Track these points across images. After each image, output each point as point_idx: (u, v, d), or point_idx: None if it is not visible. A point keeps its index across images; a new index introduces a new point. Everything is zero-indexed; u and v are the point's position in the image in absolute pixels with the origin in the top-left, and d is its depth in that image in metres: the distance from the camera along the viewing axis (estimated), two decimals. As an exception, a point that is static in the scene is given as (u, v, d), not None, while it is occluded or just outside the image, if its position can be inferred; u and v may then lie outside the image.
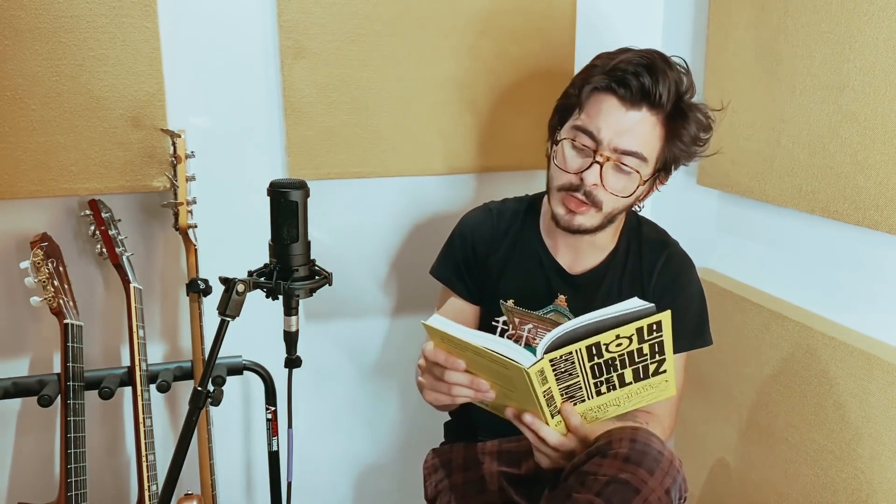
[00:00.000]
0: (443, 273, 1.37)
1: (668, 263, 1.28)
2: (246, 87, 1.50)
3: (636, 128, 1.13)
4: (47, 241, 1.36)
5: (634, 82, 1.11)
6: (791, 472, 1.39)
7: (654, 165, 1.18)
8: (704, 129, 1.20)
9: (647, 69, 1.11)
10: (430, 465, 1.37)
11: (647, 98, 1.12)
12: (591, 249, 1.29)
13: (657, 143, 1.16)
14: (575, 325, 1.00)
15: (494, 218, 1.35)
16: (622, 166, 1.15)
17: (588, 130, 1.15)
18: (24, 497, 1.53)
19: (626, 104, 1.13)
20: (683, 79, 1.16)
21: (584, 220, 1.19)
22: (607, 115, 1.14)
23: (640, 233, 1.31)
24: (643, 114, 1.13)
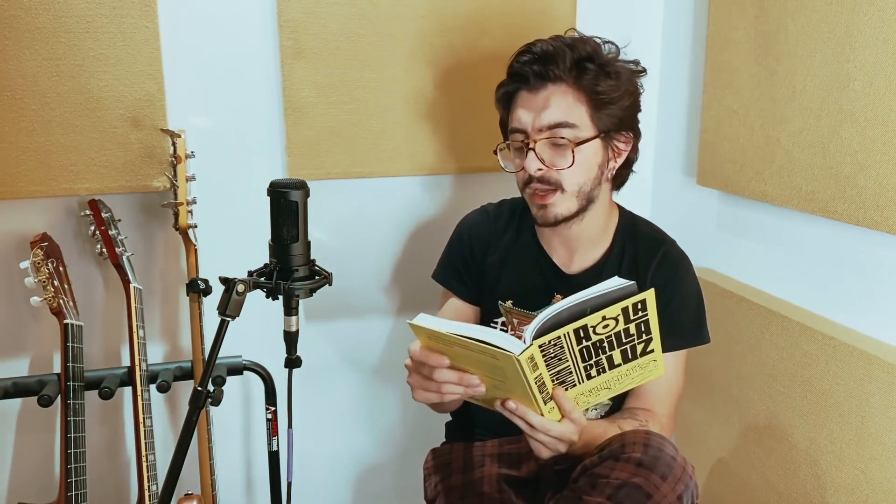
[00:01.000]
0: (443, 276, 1.39)
1: (664, 260, 1.28)
2: (246, 87, 1.50)
3: (549, 102, 1.18)
4: (47, 241, 1.36)
5: (530, 70, 1.19)
6: (791, 472, 1.39)
7: (592, 129, 1.19)
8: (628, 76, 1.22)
9: (537, 56, 1.19)
10: (429, 466, 1.37)
11: (546, 77, 1.18)
12: (586, 247, 1.29)
13: (578, 106, 1.19)
14: (559, 307, 1.00)
15: (491, 219, 1.37)
16: (555, 140, 1.19)
17: (516, 128, 1.22)
18: (24, 497, 1.53)
19: (533, 90, 1.20)
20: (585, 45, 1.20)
21: (558, 209, 1.22)
22: (522, 105, 1.21)
23: (636, 231, 1.32)
24: (549, 89, 1.19)
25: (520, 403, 1.03)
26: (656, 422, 1.27)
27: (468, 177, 1.68)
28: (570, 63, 1.18)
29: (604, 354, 1.03)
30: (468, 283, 1.35)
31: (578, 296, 1.01)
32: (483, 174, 1.68)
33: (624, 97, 1.21)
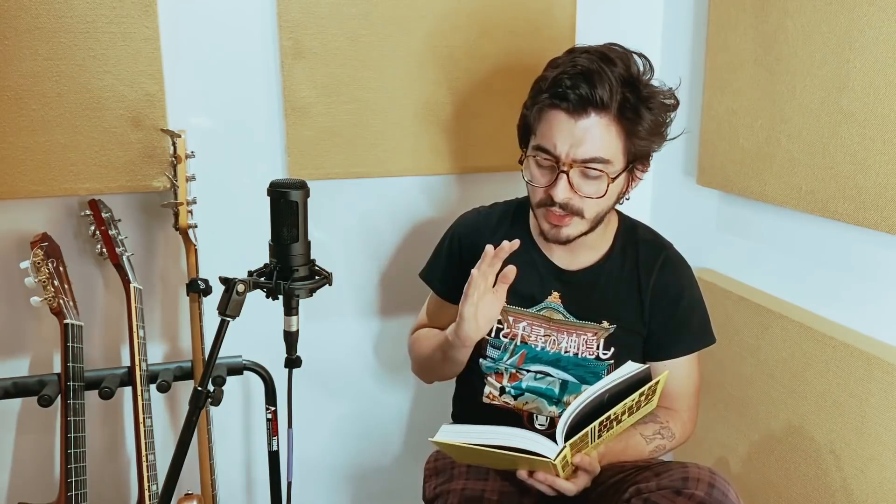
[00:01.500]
0: (426, 275, 1.42)
1: (665, 265, 1.29)
2: (246, 87, 1.50)
3: (588, 135, 1.13)
4: (47, 241, 1.36)
5: (573, 94, 1.12)
6: (791, 472, 1.39)
7: (623, 161, 1.18)
8: (664, 111, 1.20)
9: (584, 77, 1.12)
10: (431, 467, 1.37)
11: (590, 104, 1.12)
12: (585, 249, 1.29)
13: (616, 142, 1.16)
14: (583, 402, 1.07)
15: (482, 220, 1.38)
16: (588, 171, 1.16)
17: (545, 148, 1.17)
18: (24, 497, 1.53)
19: (573, 115, 1.13)
20: (629, 70, 1.15)
21: (571, 230, 1.21)
22: (558, 129, 1.15)
23: (636, 235, 1.32)
24: (592, 119, 1.13)
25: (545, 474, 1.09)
26: (677, 419, 1.29)
27: (468, 177, 1.68)
28: (615, 87, 1.12)
29: (616, 422, 1.09)
30: (449, 283, 1.37)
31: (597, 387, 1.08)
32: (483, 174, 1.68)
33: (660, 133, 1.20)
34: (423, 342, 1.38)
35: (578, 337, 1.28)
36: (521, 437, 1.06)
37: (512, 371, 1.30)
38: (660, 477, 1.10)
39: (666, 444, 1.26)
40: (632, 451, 1.23)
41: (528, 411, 1.30)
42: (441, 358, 1.29)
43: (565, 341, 1.28)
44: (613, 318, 1.28)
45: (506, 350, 1.31)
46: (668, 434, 1.26)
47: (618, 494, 1.15)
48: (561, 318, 1.29)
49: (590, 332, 1.28)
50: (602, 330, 1.28)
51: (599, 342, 1.28)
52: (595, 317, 1.28)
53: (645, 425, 1.24)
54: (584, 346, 1.28)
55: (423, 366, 1.40)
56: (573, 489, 1.10)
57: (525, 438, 1.06)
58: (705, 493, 1.05)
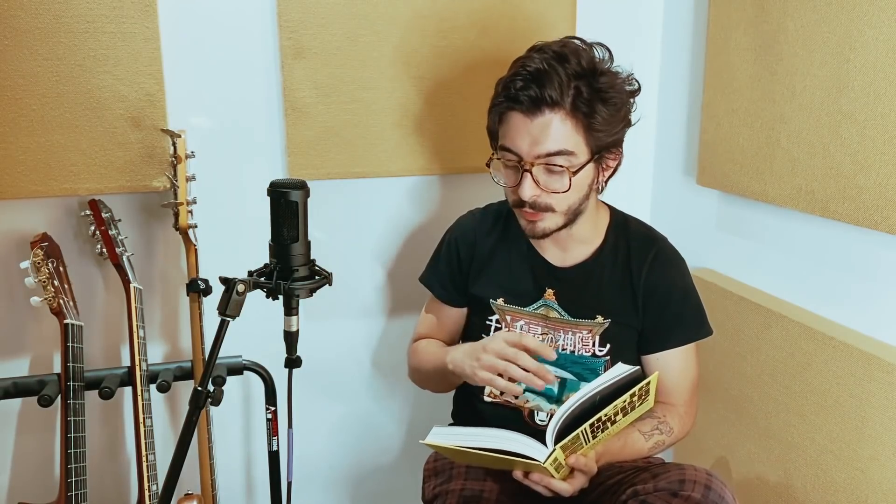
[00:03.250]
0: (427, 279, 1.42)
1: (658, 258, 1.29)
2: (246, 87, 1.50)
3: (546, 131, 1.15)
4: (47, 241, 1.36)
5: (524, 95, 1.15)
6: (791, 472, 1.39)
7: (586, 153, 1.19)
8: (625, 98, 1.20)
9: (533, 78, 1.14)
10: (430, 468, 1.37)
11: (542, 103, 1.14)
12: (576, 244, 1.30)
13: (574, 135, 1.17)
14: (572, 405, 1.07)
15: (477, 221, 1.39)
16: (552, 167, 1.17)
17: (508, 148, 1.20)
18: (24, 497, 1.53)
19: (528, 114, 1.16)
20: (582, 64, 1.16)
21: (547, 224, 1.22)
22: (516, 129, 1.18)
23: (627, 229, 1.33)
24: (546, 116, 1.15)
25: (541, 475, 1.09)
26: (674, 414, 1.29)
27: (468, 177, 1.68)
28: (566, 84, 1.14)
29: (609, 422, 1.09)
30: (450, 288, 1.38)
31: (587, 388, 1.08)
32: (483, 174, 1.66)
33: (620, 122, 1.20)
34: (423, 357, 1.37)
35: (574, 335, 1.28)
36: (511, 440, 1.06)
37: None
38: (657, 479, 1.11)
39: (665, 440, 1.26)
40: (630, 448, 1.23)
41: (528, 409, 1.30)
42: (438, 378, 1.31)
43: (562, 339, 1.29)
44: (607, 313, 1.28)
45: None
46: (665, 429, 1.26)
47: (615, 496, 1.15)
48: (557, 317, 1.30)
49: (585, 329, 1.28)
50: (597, 326, 1.28)
51: (595, 338, 1.28)
52: (589, 312, 1.29)
53: (642, 422, 1.24)
54: (580, 344, 1.28)
55: (420, 378, 1.42)
56: (569, 490, 1.10)
57: (514, 441, 1.06)
58: (701, 496, 1.05)
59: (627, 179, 1.78)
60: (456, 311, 1.40)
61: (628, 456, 1.24)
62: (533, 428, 1.27)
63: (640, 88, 1.24)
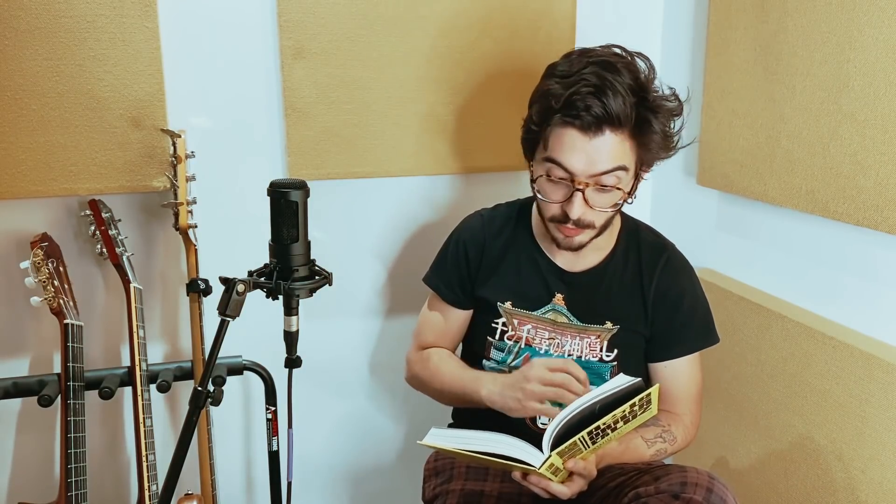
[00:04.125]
0: (432, 280, 1.40)
1: (668, 266, 1.29)
2: (246, 87, 1.50)
3: (604, 151, 1.12)
4: (47, 241, 1.36)
5: (588, 115, 1.10)
6: (791, 472, 1.39)
7: (635, 169, 1.18)
8: (670, 117, 1.19)
9: (597, 93, 1.10)
10: (431, 468, 1.37)
11: (605, 122, 1.11)
12: (589, 251, 1.29)
13: (631, 153, 1.16)
14: (571, 412, 1.06)
15: (486, 223, 1.36)
16: (603, 187, 1.15)
17: (559, 163, 1.15)
18: (24, 497, 1.53)
19: (588, 133, 1.12)
20: (636, 79, 1.13)
21: (584, 237, 1.21)
22: (572, 147, 1.13)
23: (638, 236, 1.32)
24: (607, 136, 1.12)
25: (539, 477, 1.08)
26: (679, 423, 1.29)
27: (468, 177, 1.68)
28: (633, 110, 1.11)
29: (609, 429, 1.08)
30: (457, 290, 1.36)
31: (587, 397, 1.07)
32: (483, 174, 1.67)
33: (672, 145, 1.20)
34: (439, 374, 1.33)
35: (582, 340, 1.28)
36: (507, 445, 1.06)
37: None
38: (658, 481, 1.11)
39: (667, 448, 1.26)
40: (632, 453, 1.23)
41: None
42: (455, 398, 1.29)
43: (569, 344, 1.28)
44: (616, 319, 1.28)
45: (510, 352, 1.31)
46: (669, 438, 1.26)
47: (617, 498, 1.15)
48: (565, 321, 1.29)
49: (593, 334, 1.28)
50: (605, 331, 1.28)
51: (603, 344, 1.28)
52: (598, 318, 1.28)
53: (646, 428, 1.24)
54: (587, 349, 1.28)
55: (429, 390, 1.38)
56: (567, 493, 1.10)
57: (511, 446, 1.06)
58: (703, 498, 1.05)
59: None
60: (462, 314, 1.38)
61: (629, 460, 1.23)
62: (534, 431, 1.27)
63: (682, 106, 1.20)
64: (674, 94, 1.19)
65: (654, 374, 1.32)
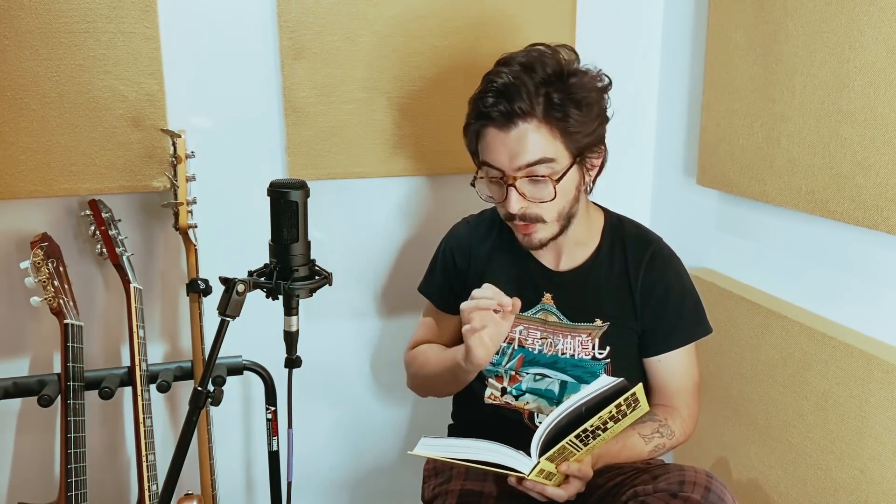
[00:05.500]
0: (426, 289, 1.43)
1: (653, 260, 1.29)
2: (246, 87, 1.50)
3: (522, 142, 1.15)
4: (47, 241, 1.36)
5: (495, 111, 1.15)
6: (791, 472, 1.39)
7: (567, 157, 1.18)
8: (598, 94, 1.20)
9: (500, 93, 1.14)
10: (430, 468, 1.37)
11: (514, 115, 1.14)
12: (572, 248, 1.30)
13: (552, 141, 1.16)
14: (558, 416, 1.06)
15: (471, 229, 1.39)
16: (535, 178, 1.17)
17: (489, 163, 1.20)
18: (24, 497, 1.53)
19: (502, 128, 1.16)
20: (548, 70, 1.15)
21: (542, 235, 1.23)
22: (493, 144, 1.18)
23: (622, 230, 1.33)
24: (520, 128, 1.15)
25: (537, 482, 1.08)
26: (676, 417, 1.29)
27: (468, 177, 1.67)
28: (535, 93, 1.14)
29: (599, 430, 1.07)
30: (448, 296, 1.38)
31: (573, 401, 1.07)
32: (483, 174, 1.67)
33: (595, 120, 1.20)
34: (429, 359, 1.36)
35: (574, 339, 1.28)
36: (496, 453, 1.06)
37: (511, 373, 1.31)
38: (657, 480, 1.11)
39: (665, 443, 1.26)
40: (629, 451, 1.23)
41: (529, 410, 1.30)
42: (449, 379, 1.29)
43: (561, 343, 1.29)
44: (606, 316, 1.28)
45: (504, 354, 1.31)
46: (667, 432, 1.26)
47: (616, 498, 1.15)
48: (556, 321, 1.29)
49: (584, 332, 1.28)
50: (596, 329, 1.28)
51: (594, 342, 1.28)
52: (588, 316, 1.28)
53: (643, 424, 1.24)
54: (579, 347, 1.28)
55: (425, 383, 1.40)
56: (563, 496, 1.10)
57: (499, 454, 1.06)
58: (701, 497, 1.05)
59: (627, 179, 1.78)
60: (455, 319, 1.38)
61: (627, 458, 1.23)
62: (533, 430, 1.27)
63: (610, 83, 1.23)
64: (599, 71, 1.21)
65: (648, 369, 1.31)
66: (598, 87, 1.20)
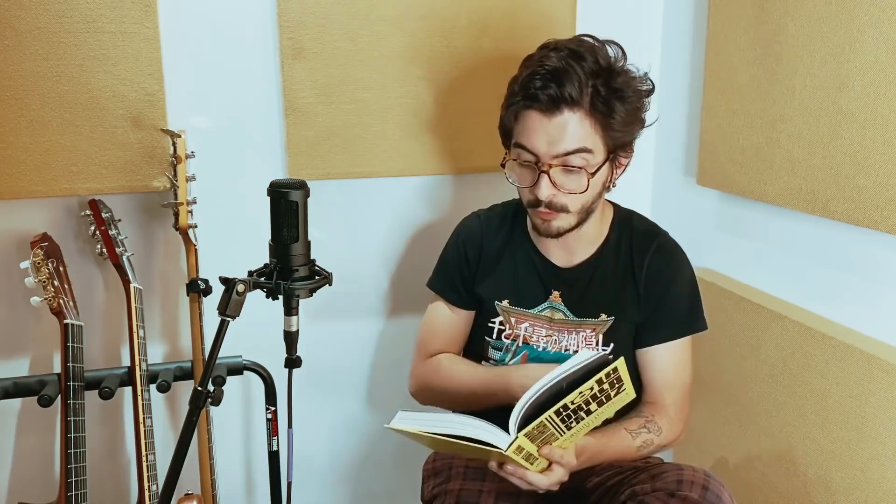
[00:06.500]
0: (436, 285, 1.40)
1: (658, 252, 1.29)
2: (246, 87, 1.50)
3: (564, 131, 1.14)
4: (47, 241, 1.36)
5: (543, 94, 1.13)
6: (791, 472, 1.39)
7: (603, 152, 1.18)
8: (639, 97, 1.20)
9: (552, 76, 1.13)
10: (430, 468, 1.37)
11: (561, 101, 1.13)
12: (582, 243, 1.30)
13: (593, 134, 1.16)
14: (537, 391, 1.03)
15: (483, 223, 1.38)
16: (569, 167, 1.16)
17: (524, 146, 1.18)
18: (24, 497, 1.53)
19: (547, 113, 1.15)
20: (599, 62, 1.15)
21: (561, 224, 1.22)
22: (533, 128, 1.16)
23: (631, 225, 1.33)
24: (565, 116, 1.14)
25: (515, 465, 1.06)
26: (664, 415, 1.28)
27: (468, 177, 1.68)
28: (585, 82, 1.13)
29: (582, 411, 1.05)
30: (462, 291, 1.37)
31: (553, 374, 1.04)
32: (483, 174, 1.67)
33: (636, 120, 1.20)
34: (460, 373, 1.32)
35: (578, 334, 1.28)
36: (474, 427, 1.03)
37: None
38: (655, 479, 1.11)
39: (654, 439, 1.24)
40: (616, 445, 1.21)
41: None
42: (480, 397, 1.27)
43: (566, 340, 1.29)
44: (611, 311, 1.28)
45: (507, 351, 1.31)
46: (654, 428, 1.25)
47: (614, 497, 1.15)
48: (562, 318, 1.29)
49: (588, 328, 1.28)
50: (600, 324, 1.28)
51: (598, 337, 1.28)
52: (593, 310, 1.29)
53: (629, 420, 1.24)
54: (583, 343, 1.28)
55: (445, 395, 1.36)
56: (545, 482, 1.08)
57: (477, 428, 1.03)
58: (699, 496, 1.05)
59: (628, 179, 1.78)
60: (467, 315, 1.37)
61: (613, 453, 1.22)
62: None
63: (654, 88, 1.23)
64: (645, 74, 1.21)
65: (639, 362, 1.30)
66: (642, 89, 1.20)
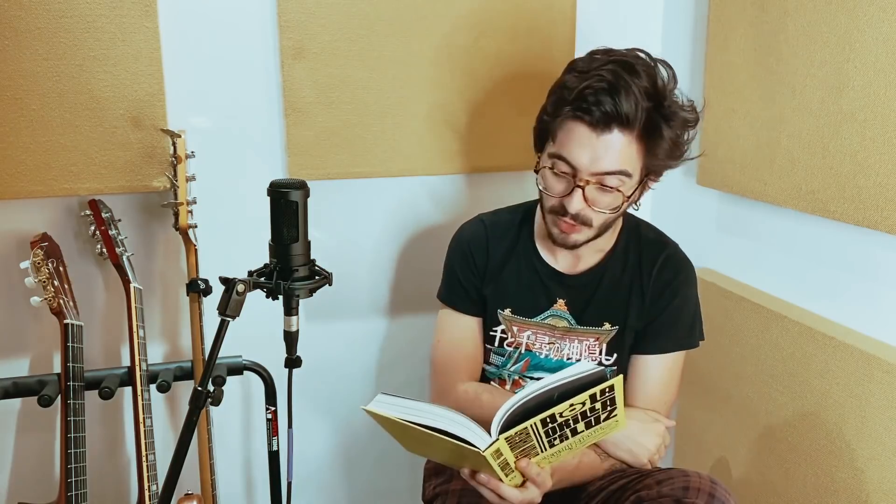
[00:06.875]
0: (449, 298, 1.35)
1: (667, 264, 1.28)
2: (246, 87, 1.50)
3: (610, 150, 1.11)
4: (47, 241, 1.36)
5: (598, 110, 1.09)
6: (791, 472, 1.39)
7: (639, 176, 1.16)
8: (684, 128, 1.17)
9: (610, 91, 1.08)
10: (430, 468, 1.37)
11: (614, 120, 1.09)
12: (589, 251, 1.28)
13: (637, 157, 1.14)
14: (526, 396, 0.99)
15: (488, 229, 1.35)
16: (604, 187, 1.14)
17: (564, 158, 1.14)
18: (24, 497, 1.53)
19: (596, 129, 1.10)
20: (654, 84, 1.11)
21: (579, 237, 1.19)
22: (579, 142, 1.12)
23: (639, 233, 1.32)
24: (615, 135, 1.10)
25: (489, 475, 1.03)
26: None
27: (468, 177, 1.68)
28: (644, 111, 1.09)
29: (568, 428, 1.01)
30: (476, 298, 1.33)
31: (546, 382, 1.00)
32: (483, 174, 1.67)
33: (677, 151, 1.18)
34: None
35: (581, 343, 1.28)
36: (454, 422, 0.98)
37: (515, 378, 1.30)
38: (661, 485, 1.10)
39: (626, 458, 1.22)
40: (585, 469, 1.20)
41: None
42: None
43: (567, 348, 1.28)
44: (615, 320, 1.27)
45: (509, 358, 1.31)
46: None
47: (619, 502, 1.14)
48: (565, 326, 1.29)
49: (591, 336, 1.28)
50: (604, 333, 1.27)
51: (602, 346, 1.27)
52: (597, 319, 1.28)
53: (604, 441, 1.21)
54: (586, 352, 1.27)
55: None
56: (518, 498, 1.04)
57: (458, 424, 0.98)
58: (705, 503, 1.05)
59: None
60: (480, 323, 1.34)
61: (583, 476, 1.21)
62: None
63: (698, 119, 1.19)
64: (692, 105, 1.17)
65: (628, 367, 1.29)
66: (688, 118, 1.17)
